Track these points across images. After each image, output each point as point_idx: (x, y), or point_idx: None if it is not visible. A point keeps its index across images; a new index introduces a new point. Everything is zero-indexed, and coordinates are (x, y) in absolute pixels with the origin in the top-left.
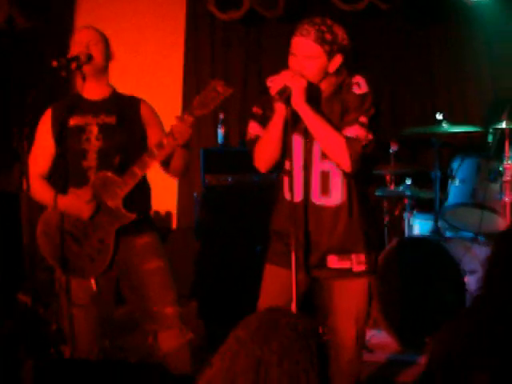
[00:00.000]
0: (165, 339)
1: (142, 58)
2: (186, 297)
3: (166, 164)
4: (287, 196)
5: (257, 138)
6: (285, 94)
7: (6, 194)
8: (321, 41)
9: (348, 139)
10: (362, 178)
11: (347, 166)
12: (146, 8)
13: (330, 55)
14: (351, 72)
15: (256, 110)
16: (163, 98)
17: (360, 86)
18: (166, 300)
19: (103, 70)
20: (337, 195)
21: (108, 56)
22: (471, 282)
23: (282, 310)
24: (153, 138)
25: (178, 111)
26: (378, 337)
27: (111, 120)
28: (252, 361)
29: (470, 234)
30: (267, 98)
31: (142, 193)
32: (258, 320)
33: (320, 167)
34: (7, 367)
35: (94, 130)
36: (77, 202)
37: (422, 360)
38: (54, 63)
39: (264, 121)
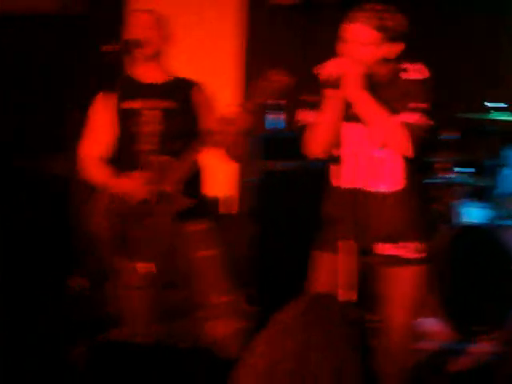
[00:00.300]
0: (216, 327)
1: (198, 45)
2: (240, 284)
3: (225, 149)
4: (338, 182)
5: (308, 125)
6: (338, 81)
7: (59, 178)
8: (380, 27)
9: (407, 125)
10: (417, 164)
11: (404, 152)
12: None
13: (389, 42)
14: (410, 58)
15: (307, 96)
16: (220, 83)
17: (419, 72)
18: (218, 289)
19: (158, 54)
20: (390, 182)
21: (164, 39)
22: None
23: (326, 296)
24: (205, 122)
25: (236, 97)
26: (435, 325)
27: (168, 104)
28: (296, 346)
29: None
30: (319, 85)
31: (195, 178)
32: (303, 305)
33: (373, 154)
34: (60, 351)
35: (151, 113)
36: (131, 185)
37: (476, 349)
38: (108, 47)
39: (315, 107)
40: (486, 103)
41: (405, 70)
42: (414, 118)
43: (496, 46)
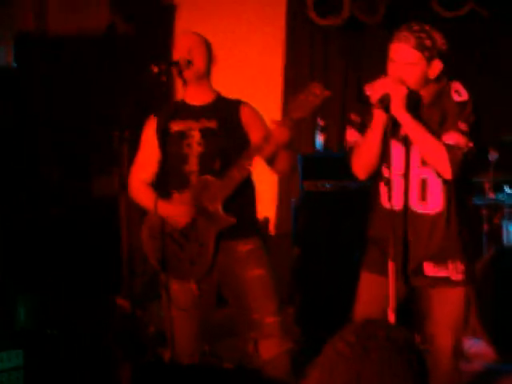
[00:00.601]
0: (265, 347)
1: (241, 64)
2: (283, 303)
3: (270, 163)
4: (385, 203)
5: (355, 145)
6: (385, 102)
7: (107, 199)
8: (420, 47)
9: (448, 146)
10: (461, 185)
11: (448, 173)
12: (246, 13)
13: (430, 61)
14: (451, 79)
15: (354, 117)
16: (262, 103)
17: (460, 93)
18: (267, 309)
19: (204, 75)
20: (436, 203)
21: (209, 61)
22: None
23: (379, 322)
24: (256, 140)
25: (278, 116)
26: (476, 346)
27: (212, 124)
28: (351, 373)
29: None
30: (365, 105)
31: (244, 196)
32: (356, 331)
33: (419, 174)
34: (107, 370)
35: (196, 134)
36: (176, 208)
37: None
38: (155, 68)
39: (362, 128)
40: None
41: (447, 91)
42: (455, 139)
43: None
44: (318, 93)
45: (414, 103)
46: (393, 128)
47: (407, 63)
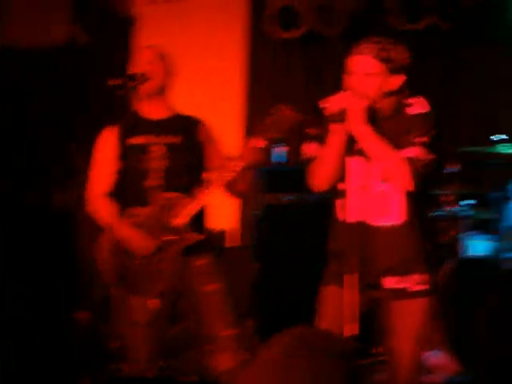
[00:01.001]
0: (221, 361)
1: (203, 76)
2: (242, 316)
3: (229, 186)
4: (344, 216)
5: (313, 158)
6: (341, 116)
7: (63, 213)
8: (382, 58)
9: (408, 160)
10: (421, 198)
11: (407, 186)
12: (207, 26)
13: (390, 74)
14: (412, 92)
15: (312, 129)
16: (223, 116)
17: (421, 105)
18: (222, 323)
19: (163, 89)
20: (396, 215)
21: (168, 75)
22: None
23: (313, 331)
24: (210, 159)
25: (239, 130)
26: (437, 358)
27: (176, 140)
28: (283, 382)
29: None
30: (323, 118)
31: (200, 213)
32: (289, 341)
33: (379, 187)
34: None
35: (158, 149)
36: (137, 240)
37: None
38: (112, 81)
39: (320, 140)
40: (491, 136)
41: (407, 104)
42: (416, 152)
43: (496, 79)
44: (290, 115)
45: (373, 116)
46: (350, 141)
47: (367, 74)
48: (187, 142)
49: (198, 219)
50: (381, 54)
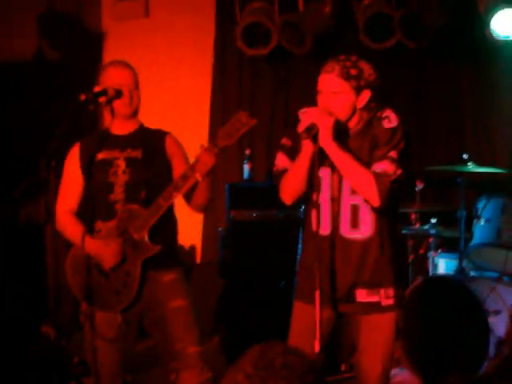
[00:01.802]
0: (186, 377)
1: (169, 92)
2: (208, 332)
3: (189, 198)
4: (314, 229)
5: (284, 171)
6: (312, 132)
7: (32, 226)
8: (346, 76)
9: (376, 174)
10: (391, 212)
11: (375, 201)
12: (174, 42)
13: (357, 91)
14: (381, 106)
15: (285, 141)
16: (190, 132)
17: (390, 120)
18: (188, 339)
19: (133, 106)
20: (366, 229)
21: (138, 91)
22: (495, 322)
23: (276, 349)
24: (178, 170)
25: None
26: (401, 375)
27: (137, 154)
28: None
29: (495, 274)
30: (296, 131)
31: (167, 226)
32: (252, 362)
33: (350, 201)
34: None
35: (121, 163)
36: (103, 251)
37: None
38: (82, 96)
39: (292, 153)
40: (462, 155)
41: (376, 119)
42: (384, 167)
43: (463, 97)
44: (244, 121)
45: (342, 133)
46: (322, 156)
47: (333, 92)
48: (148, 155)
49: (164, 232)
50: (345, 71)
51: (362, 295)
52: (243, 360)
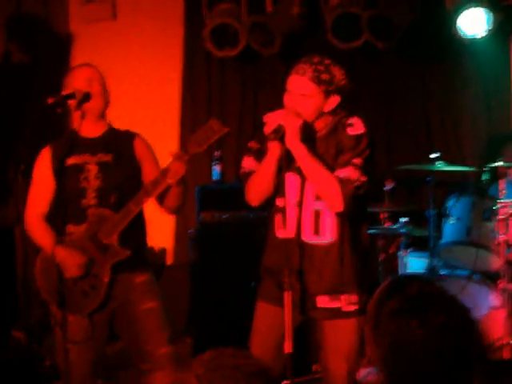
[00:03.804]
0: (158, 379)
1: (138, 94)
2: (180, 333)
3: (161, 200)
4: (279, 233)
5: (250, 173)
6: (279, 133)
7: (1, 230)
8: (317, 80)
9: (340, 180)
10: (354, 217)
11: (338, 206)
12: (143, 44)
13: (326, 95)
14: (348, 112)
15: (252, 144)
16: (160, 134)
17: (356, 126)
18: (159, 340)
19: (102, 109)
20: (329, 234)
21: (107, 94)
22: None
23: (228, 351)
24: (147, 173)
25: (175, 147)
26: (373, 374)
27: (108, 158)
28: None
29: (465, 273)
30: (263, 134)
31: (137, 229)
32: (204, 363)
33: (313, 206)
34: None
35: (93, 168)
36: (69, 261)
37: None
38: (50, 100)
39: (259, 155)
40: (430, 154)
41: (343, 124)
42: (348, 173)
43: (432, 97)
44: (216, 129)
45: (308, 135)
46: (288, 159)
47: (302, 94)
48: (119, 159)
49: (134, 236)
50: (317, 75)
51: (325, 301)
52: (196, 361)
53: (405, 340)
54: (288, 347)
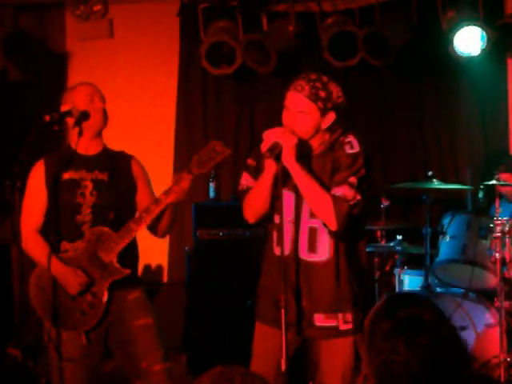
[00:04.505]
0: None
1: (134, 112)
2: (175, 351)
3: (153, 227)
4: (275, 250)
5: (248, 189)
6: (275, 151)
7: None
8: (314, 97)
9: (335, 198)
10: (350, 235)
11: (332, 225)
12: (139, 62)
13: (323, 112)
14: (345, 130)
15: (250, 161)
16: (155, 151)
17: (352, 145)
18: (154, 357)
19: (99, 126)
20: (324, 252)
21: (104, 113)
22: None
23: (236, 369)
24: (141, 193)
25: (169, 164)
26: None
27: (103, 176)
28: None
29: (461, 290)
30: (260, 150)
31: (131, 248)
32: (213, 378)
33: (308, 223)
34: None
35: (89, 185)
36: (70, 277)
37: None
38: (47, 117)
39: (257, 172)
40: (427, 172)
41: (339, 143)
42: (343, 192)
43: (427, 115)
44: (219, 150)
45: (304, 153)
46: (285, 176)
47: (299, 111)
48: (115, 179)
49: (129, 254)
50: (314, 92)
51: (321, 319)
52: (204, 377)
53: (390, 361)
54: (283, 365)
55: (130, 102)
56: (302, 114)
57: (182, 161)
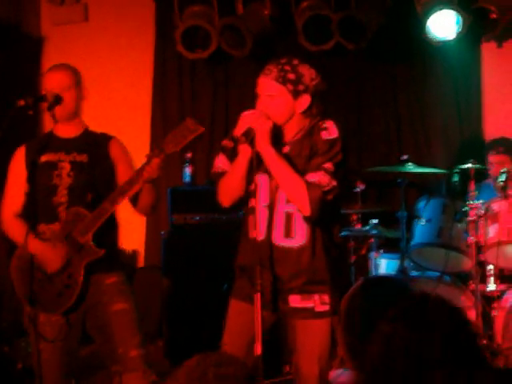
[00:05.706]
0: (129, 381)
1: (110, 96)
2: (152, 335)
3: (134, 201)
4: (251, 234)
5: (223, 173)
6: (249, 136)
7: None
8: (282, 80)
9: (309, 184)
10: (325, 220)
11: (306, 210)
12: (115, 46)
13: (295, 95)
14: (323, 116)
15: (225, 142)
16: (131, 134)
17: (329, 131)
18: (130, 342)
19: (76, 110)
20: (300, 236)
21: (80, 97)
22: None
23: (210, 359)
24: (122, 175)
25: (146, 148)
26: (344, 375)
27: (82, 158)
28: None
29: (436, 274)
30: (233, 138)
31: (110, 229)
32: (186, 372)
33: (284, 208)
34: None
35: (66, 166)
36: (49, 253)
37: None
38: (21, 102)
39: (233, 155)
40: (401, 156)
41: (316, 128)
42: (318, 178)
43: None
44: (192, 128)
45: (279, 137)
46: (259, 161)
47: (268, 95)
48: (93, 160)
49: (106, 235)
50: (282, 75)
51: (297, 300)
52: (179, 371)
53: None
54: (258, 349)
55: (105, 85)
56: (271, 97)
57: (158, 143)
